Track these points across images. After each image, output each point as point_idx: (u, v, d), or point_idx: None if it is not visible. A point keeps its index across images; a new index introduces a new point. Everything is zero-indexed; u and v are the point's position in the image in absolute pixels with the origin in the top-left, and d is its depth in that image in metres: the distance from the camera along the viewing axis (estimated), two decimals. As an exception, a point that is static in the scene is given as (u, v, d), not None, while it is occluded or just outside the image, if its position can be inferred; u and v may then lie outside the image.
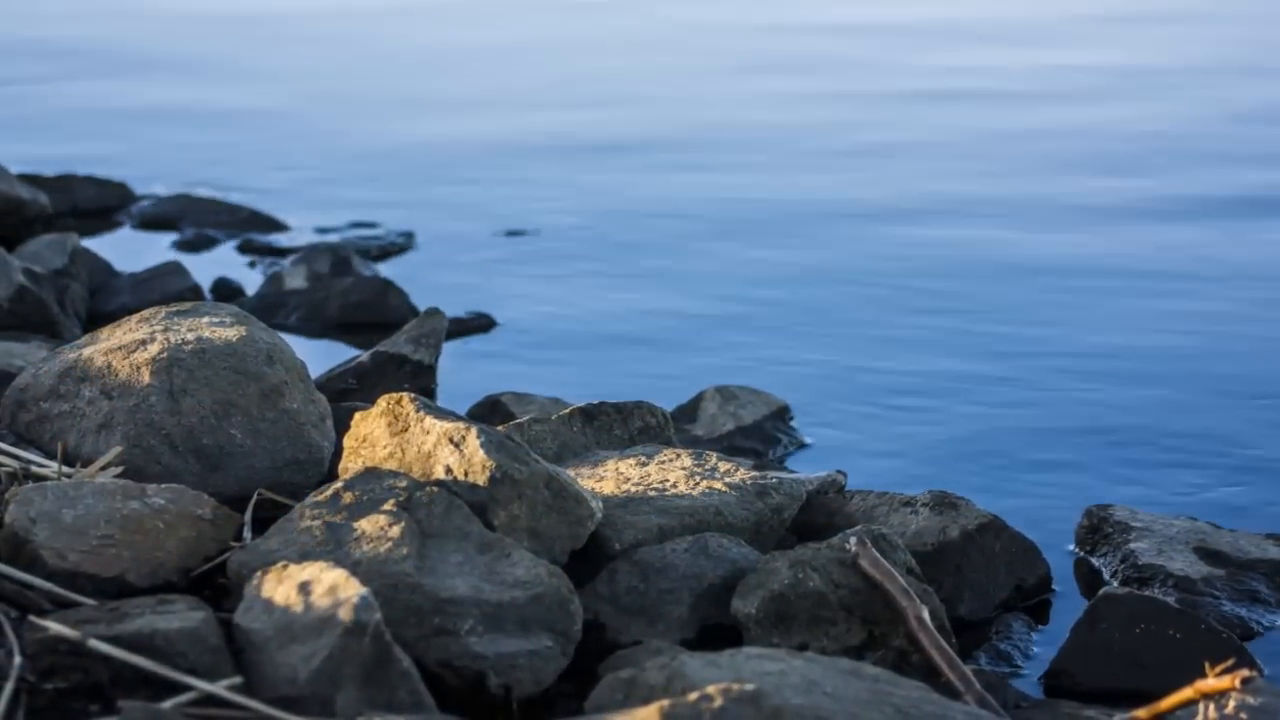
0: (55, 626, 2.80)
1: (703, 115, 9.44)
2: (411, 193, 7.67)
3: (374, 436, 3.39)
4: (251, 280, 6.30)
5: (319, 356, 5.08)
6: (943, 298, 5.96)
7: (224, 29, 13.05)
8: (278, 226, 7.09)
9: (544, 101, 9.94)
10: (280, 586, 2.86)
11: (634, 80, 10.70)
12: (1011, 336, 5.54)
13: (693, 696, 2.48)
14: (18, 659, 2.75)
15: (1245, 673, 2.77)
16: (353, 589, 2.75)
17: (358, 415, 3.47)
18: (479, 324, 5.77)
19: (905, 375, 5.20)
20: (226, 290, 6.08)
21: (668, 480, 3.56)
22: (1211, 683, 2.80)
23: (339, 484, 3.20)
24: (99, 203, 7.43)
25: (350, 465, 3.42)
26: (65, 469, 3.53)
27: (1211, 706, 2.81)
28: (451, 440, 3.25)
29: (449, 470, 3.22)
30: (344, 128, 9.22)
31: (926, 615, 3.11)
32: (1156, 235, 6.72)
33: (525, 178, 7.94)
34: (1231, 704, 2.81)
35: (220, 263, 6.61)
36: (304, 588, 2.81)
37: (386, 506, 3.11)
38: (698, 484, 3.55)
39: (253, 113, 9.71)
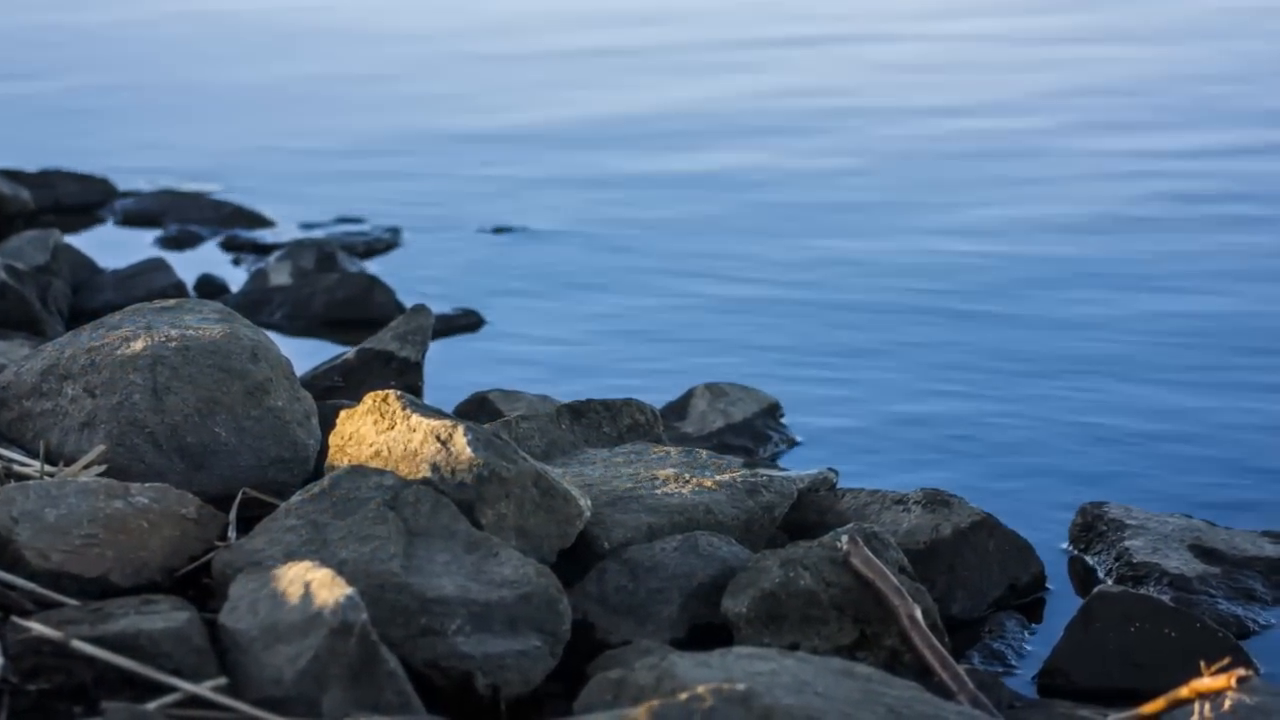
0: (38, 627, 2.79)
1: (695, 108, 9.42)
2: (397, 189, 7.65)
3: (360, 434, 3.37)
4: (236, 277, 6.28)
5: (304, 354, 5.05)
6: (935, 295, 5.94)
7: (210, 24, 13.02)
8: (262, 222, 7.06)
9: (532, 97, 9.92)
10: (265, 586, 2.84)
11: (624, 75, 10.68)
12: (1004, 334, 5.53)
13: (683, 696, 2.47)
14: (0, 660, 2.72)
15: (1241, 671, 2.78)
16: (339, 589, 2.73)
17: (343, 413, 3.45)
18: (466, 321, 5.75)
19: (896, 372, 5.19)
20: (210, 287, 6.05)
21: (657, 478, 3.54)
22: (1207, 682, 2.79)
23: (324, 482, 3.18)
24: (81, 199, 7.40)
25: (336, 463, 3.40)
26: (48, 468, 3.51)
27: (1207, 706, 2.79)
28: (438, 438, 3.22)
29: (436, 468, 3.20)
30: (329, 123, 9.20)
31: (919, 614, 3.10)
32: (1154, 234, 6.71)
33: (512, 174, 7.92)
34: (1227, 703, 2.79)
35: (204, 259, 6.58)
36: (289, 588, 2.79)
37: (372, 505, 3.09)
38: (687, 482, 3.53)
39: (237, 107, 9.68)
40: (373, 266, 6.39)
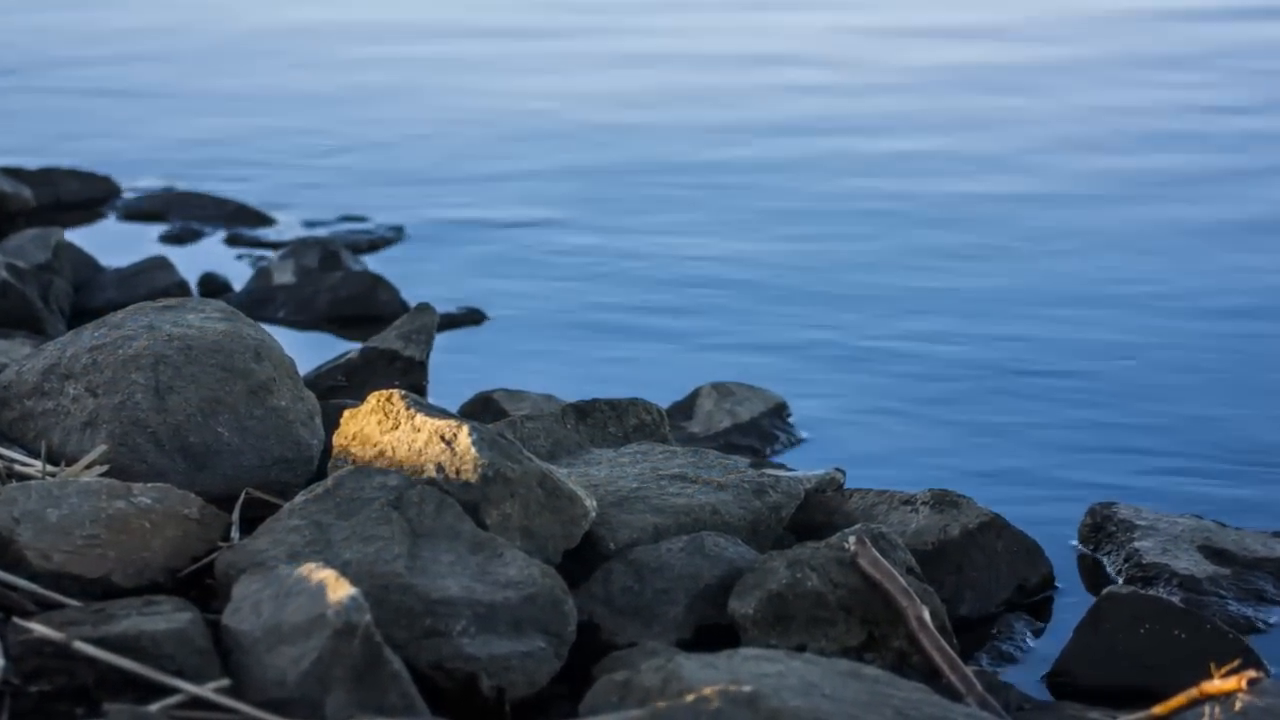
0: (40, 628, 2.78)
1: (704, 107, 9.41)
2: (401, 186, 7.63)
3: (364, 434, 3.35)
4: (239, 275, 6.26)
5: (308, 352, 5.03)
6: (944, 295, 5.93)
7: (211, 20, 13.01)
8: (265, 220, 7.04)
9: (535, 93, 9.91)
10: (269, 587, 2.83)
11: (628, 74, 10.67)
12: (1014, 334, 5.51)
13: (689, 698, 2.46)
14: (1, 662, 2.72)
15: (1251, 673, 2.78)
16: (342, 589, 2.72)
17: (347, 412, 3.44)
18: (470, 319, 5.74)
19: (905, 372, 5.17)
20: (213, 285, 6.04)
21: (663, 479, 3.53)
22: (1217, 684, 2.79)
23: (328, 482, 3.17)
24: (83, 196, 7.37)
25: (340, 463, 3.39)
26: (50, 468, 3.49)
27: (1217, 708, 2.78)
28: (443, 438, 3.21)
29: (440, 468, 3.19)
30: (332, 120, 9.18)
31: (927, 615, 3.09)
32: (1161, 233, 6.69)
33: (517, 171, 7.90)
34: (1238, 705, 2.78)
35: (207, 257, 6.56)
36: (293, 588, 2.79)
37: (376, 505, 3.08)
38: (694, 482, 3.52)
39: (240, 104, 9.66)
40: (376, 264, 6.37)
